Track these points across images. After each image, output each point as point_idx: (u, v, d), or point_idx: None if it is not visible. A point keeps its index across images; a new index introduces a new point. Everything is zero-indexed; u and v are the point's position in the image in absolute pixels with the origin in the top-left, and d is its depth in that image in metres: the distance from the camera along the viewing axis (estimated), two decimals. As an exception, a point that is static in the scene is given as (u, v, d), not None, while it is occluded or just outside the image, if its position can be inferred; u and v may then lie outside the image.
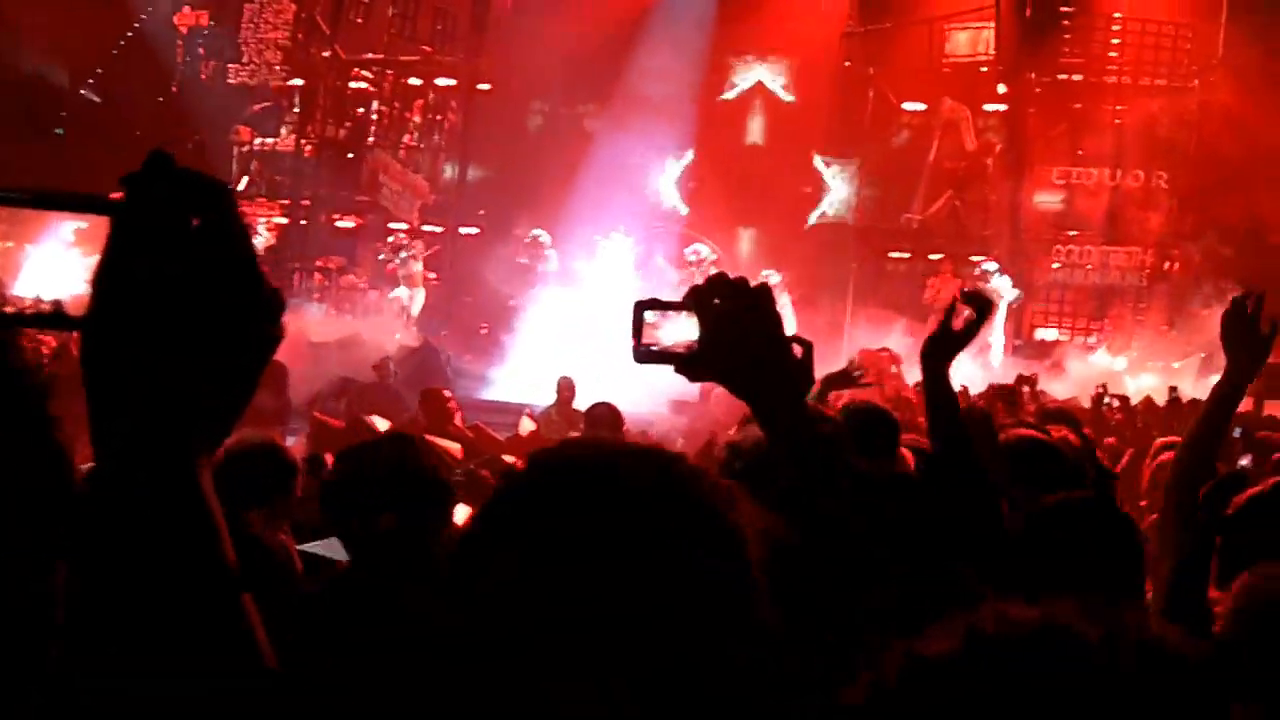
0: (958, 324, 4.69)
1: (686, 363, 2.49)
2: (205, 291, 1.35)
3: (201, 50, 29.58)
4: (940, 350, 4.70)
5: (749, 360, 2.47)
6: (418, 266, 27.14)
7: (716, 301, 2.47)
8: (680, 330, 2.49)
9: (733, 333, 2.46)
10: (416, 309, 26.68)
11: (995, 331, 25.99)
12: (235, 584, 1.38)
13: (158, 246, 1.34)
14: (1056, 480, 5.15)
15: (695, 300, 2.47)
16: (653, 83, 26.78)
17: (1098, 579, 3.95)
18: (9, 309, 1.43)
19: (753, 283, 2.53)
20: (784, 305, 25.69)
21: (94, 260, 1.38)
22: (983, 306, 4.72)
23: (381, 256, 27.40)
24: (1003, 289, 26.19)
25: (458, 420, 13.94)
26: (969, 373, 23.92)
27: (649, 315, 2.50)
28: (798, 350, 2.63)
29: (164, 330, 1.34)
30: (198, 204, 1.37)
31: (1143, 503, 8.10)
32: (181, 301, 1.34)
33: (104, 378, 1.35)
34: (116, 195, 1.38)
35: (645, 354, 2.50)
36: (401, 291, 26.88)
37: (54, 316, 1.40)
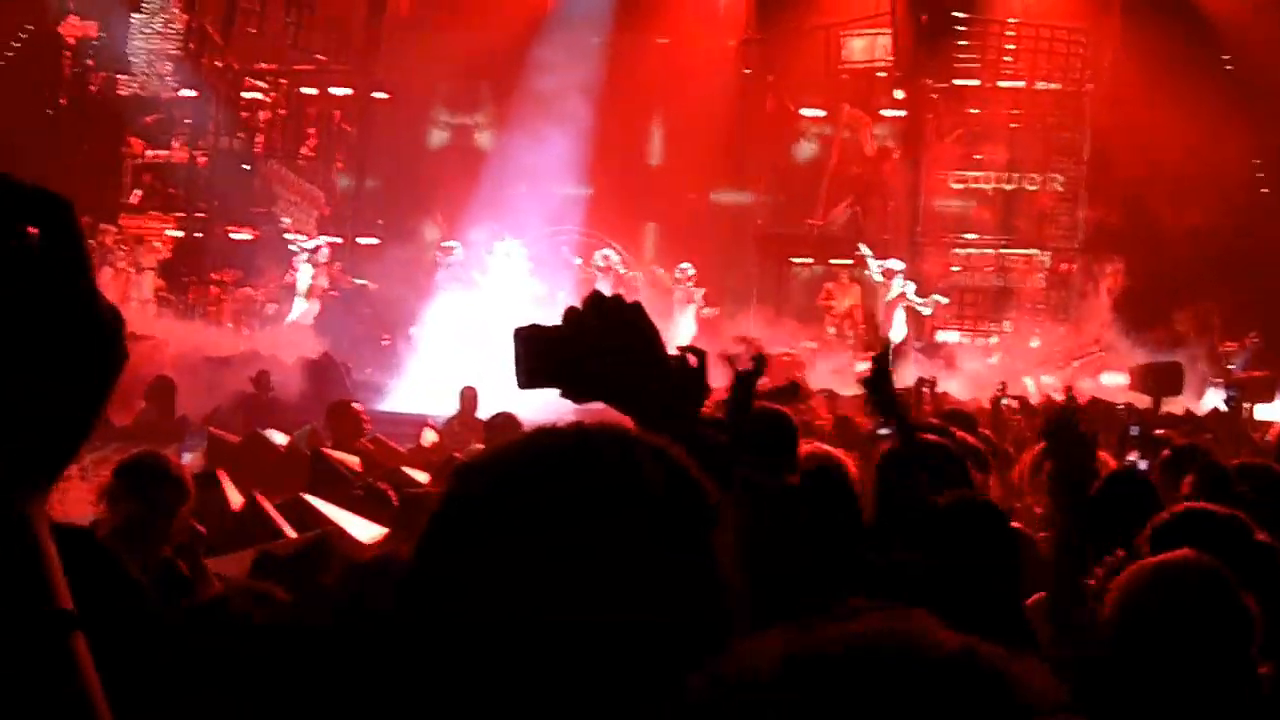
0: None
1: (569, 384, 2.49)
2: (41, 312, 1.26)
3: (90, 61, 29.11)
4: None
5: (627, 377, 2.48)
6: (320, 279, 26.92)
7: (595, 322, 2.47)
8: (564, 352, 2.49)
9: (610, 351, 2.47)
10: (311, 320, 26.44)
11: (896, 330, 26.23)
12: (63, 625, 1.29)
13: None
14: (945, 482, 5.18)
15: (572, 322, 2.47)
16: (549, 89, 26.70)
17: (978, 578, 4.09)
18: None
19: (627, 299, 2.52)
20: (697, 300, 25.81)
21: None
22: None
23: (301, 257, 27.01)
24: (909, 292, 26.41)
25: (368, 432, 13.78)
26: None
27: (528, 339, 2.50)
28: (692, 360, 2.63)
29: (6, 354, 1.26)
30: (33, 219, 1.28)
31: (1028, 499, 8.14)
32: (14, 323, 1.26)
33: None
34: None
35: (530, 380, 2.51)
36: (299, 304, 26.62)
37: None
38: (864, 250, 26.97)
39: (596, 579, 1.54)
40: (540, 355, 2.48)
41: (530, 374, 2.49)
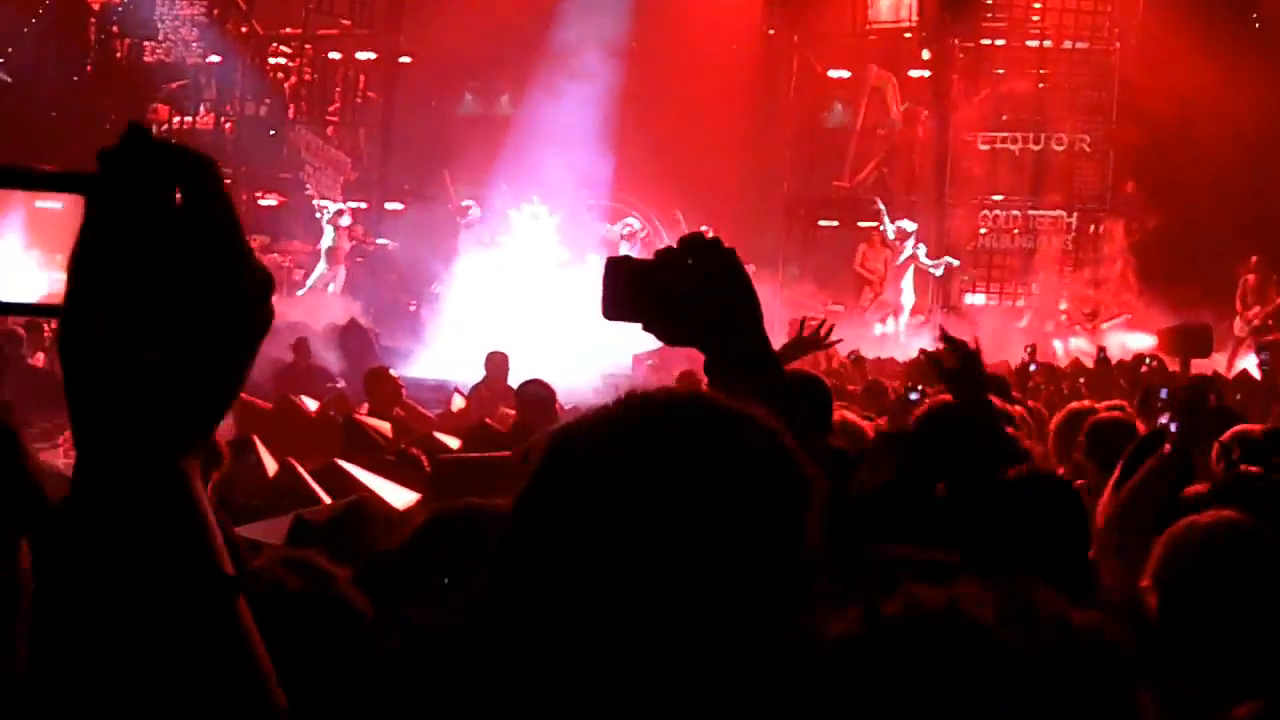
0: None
1: (657, 320, 2.46)
2: (190, 273, 1.25)
3: (115, 28, 29.12)
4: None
5: (724, 320, 2.44)
6: (343, 242, 26.99)
7: (690, 262, 2.43)
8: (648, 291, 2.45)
9: (707, 291, 2.43)
10: (338, 286, 26.51)
11: (905, 294, 26.25)
12: (230, 587, 1.29)
13: (137, 225, 1.24)
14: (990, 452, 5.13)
15: (668, 260, 2.44)
16: (574, 53, 26.66)
17: (1046, 553, 3.98)
18: None
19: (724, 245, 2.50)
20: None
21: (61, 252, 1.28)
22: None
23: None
24: (920, 255, 26.42)
25: (404, 399, 13.79)
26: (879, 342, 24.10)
27: (619, 271, 2.47)
28: None
29: (147, 316, 1.24)
30: (179, 179, 1.26)
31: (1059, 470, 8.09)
32: (165, 284, 1.24)
33: (83, 368, 1.25)
34: (91, 172, 1.27)
35: (615, 312, 2.46)
36: (320, 267, 26.72)
37: (32, 305, 1.31)
38: (880, 207, 26.99)
39: (698, 545, 1.55)
40: (627, 288, 2.45)
41: (616, 305, 2.45)
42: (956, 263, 26.72)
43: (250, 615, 1.31)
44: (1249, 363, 21.07)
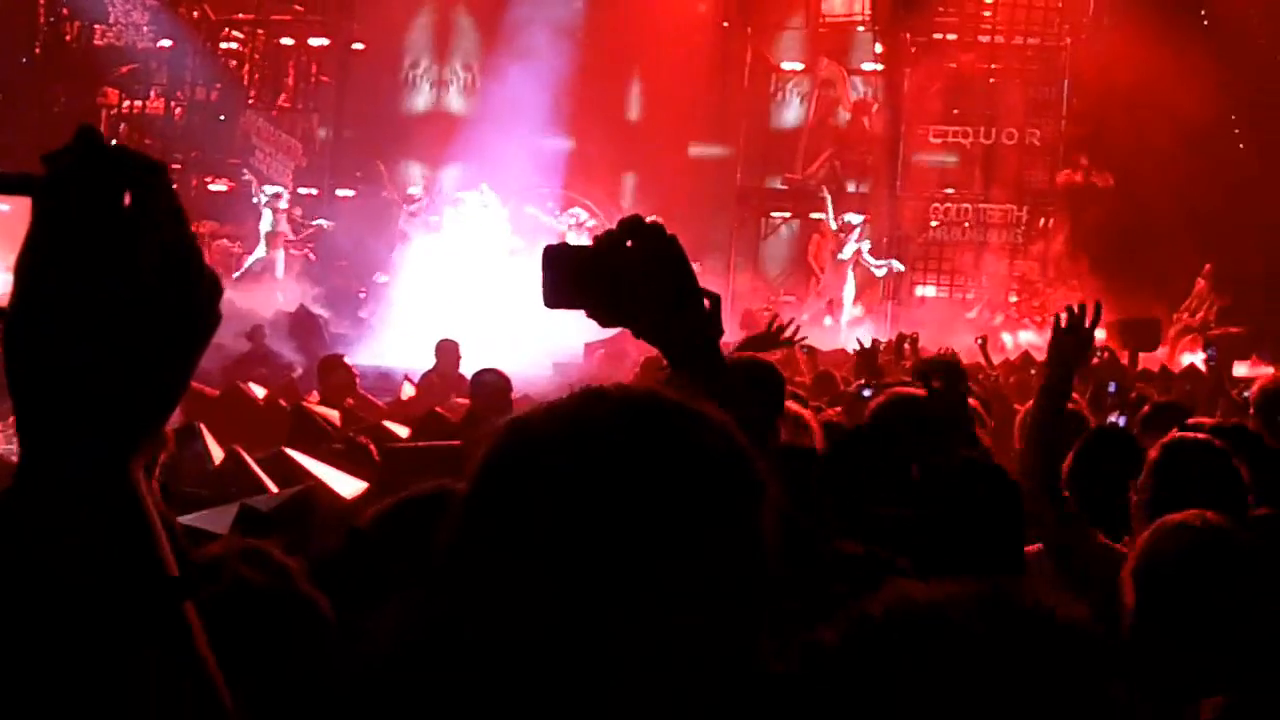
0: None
1: (599, 307, 2.42)
2: (137, 275, 1.26)
3: (65, 10, 28.89)
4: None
5: (664, 304, 2.41)
6: (282, 225, 26.96)
7: (628, 244, 2.40)
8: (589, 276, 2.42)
9: (646, 275, 2.40)
10: (278, 270, 26.47)
11: (848, 286, 26.39)
12: (176, 590, 1.29)
13: (85, 228, 1.25)
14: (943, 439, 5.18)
15: (606, 244, 2.41)
16: (527, 42, 26.63)
17: (984, 539, 4.11)
18: None
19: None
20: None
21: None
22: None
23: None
24: (863, 251, 26.59)
25: (358, 389, 13.72)
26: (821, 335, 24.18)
27: (555, 260, 2.43)
28: (705, 303, 2.60)
29: (94, 318, 1.24)
30: (128, 182, 1.27)
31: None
32: (112, 287, 1.25)
33: (29, 370, 1.26)
34: (39, 174, 1.28)
35: (556, 301, 2.43)
36: (260, 252, 26.68)
37: None
38: (825, 197, 27.11)
39: (650, 546, 1.54)
40: (567, 275, 2.42)
41: (556, 293, 2.43)
42: (901, 267, 26.89)
43: (196, 617, 1.31)
44: (1196, 358, 21.25)
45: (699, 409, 1.66)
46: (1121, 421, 9.01)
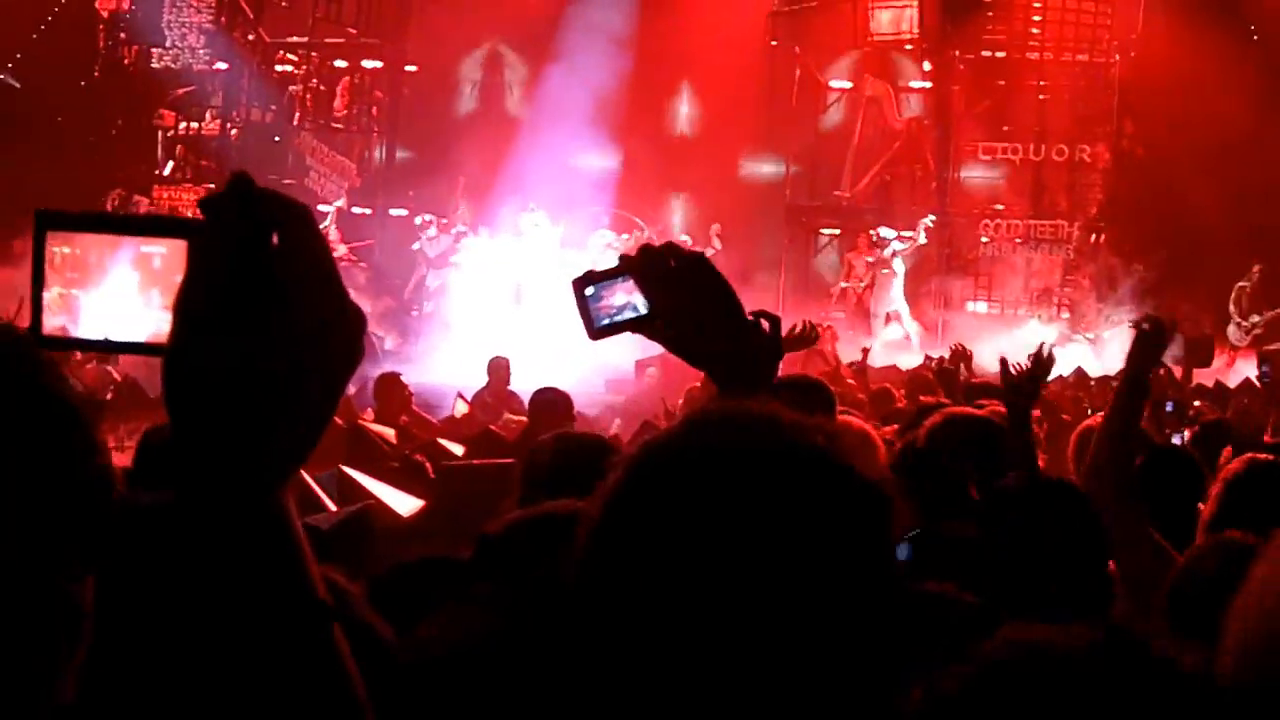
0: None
1: (644, 323, 2.41)
2: (287, 313, 1.32)
3: (123, 34, 29.22)
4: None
5: (703, 320, 2.41)
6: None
7: (655, 266, 2.39)
8: (626, 298, 2.42)
9: (681, 292, 2.40)
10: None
11: (896, 302, 26.35)
12: (325, 615, 1.35)
13: (238, 269, 1.31)
14: (1000, 459, 5.17)
15: (631, 266, 2.40)
16: (578, 61, 26.82)
17: (1066, 565, 4.01)
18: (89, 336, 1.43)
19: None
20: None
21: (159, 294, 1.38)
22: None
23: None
24: (896, 249, 26.54)
25: (412, 406, 13.79)
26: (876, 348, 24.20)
27: (589, 290, 2.43)
28: (765, 325, 2.60)
29: (249, 356, 1.30)
30: (277, 225, 1.33)
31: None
32: (264, 325, 1.31)
33: (190, 405, 1.31)
34: (195, 216, 1.36)
35: (601, 330, 2.44)
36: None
37: (141, 345, 1.41)
38: (885, 234, 27.09)
39: (798, 566, 1.55)
40: (602, 301, 2.41)
41: (598, 323, 2.43)
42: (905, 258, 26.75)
43: (346, 645, 1.35)
44: (1249, 372, 21.15)
45: (825, 426, 1.67)
46: (1176, 440, 9.01)
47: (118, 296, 1.46)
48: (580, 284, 2.43)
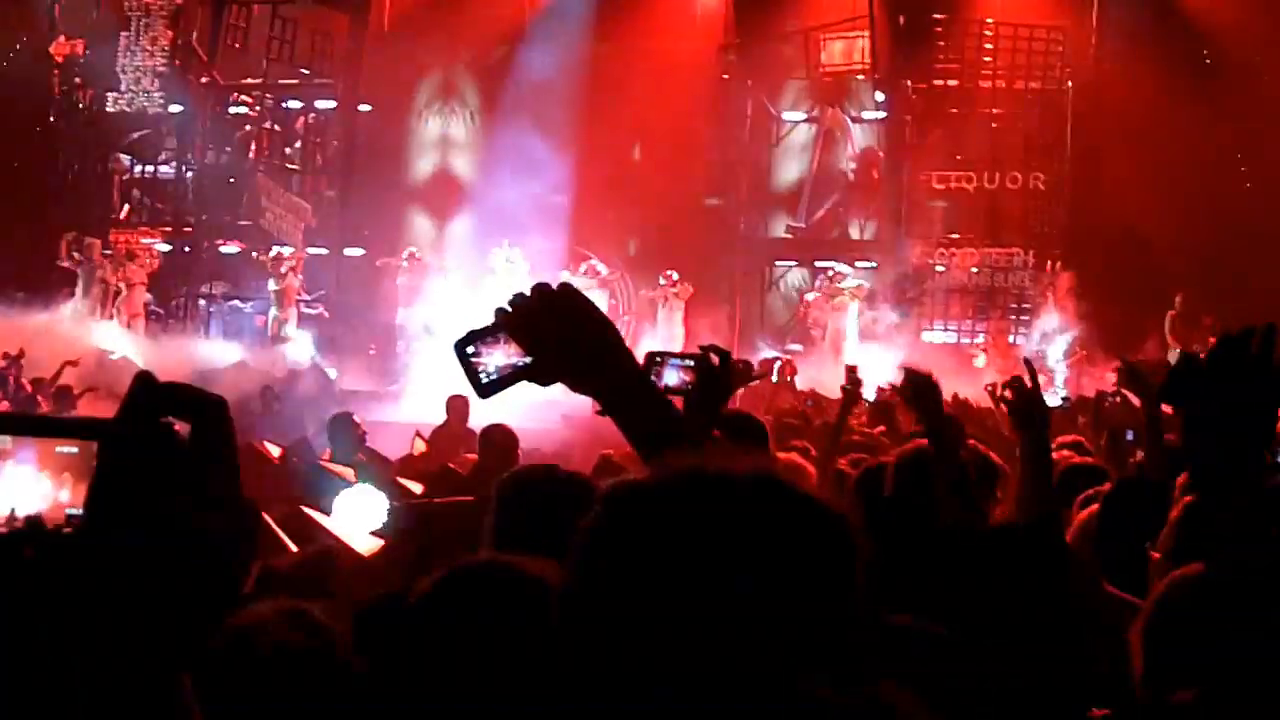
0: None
1: (530, 371, 2.44)
2: (188, 507, 1.39)
3: (78, 79, 29.20)
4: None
5: (571, 353, 2.43)
6: (291, 281, 27.16)
7: (521, 313, 2.43)
8: (508, 351, 2.45)
9: (546, 335, 2.42)
10: (291, 329, 26.65)
11: (850, 326, 26.42)
12: None
13: (146, 468, 1.38)
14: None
15: (503, 319, 2.43)
16: (531, 99, 26.92)
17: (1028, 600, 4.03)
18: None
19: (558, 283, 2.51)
20: (676, 310, 26.21)
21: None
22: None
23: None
24: (850, 281, 26.68)
25: (365, 445, 13.76)
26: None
27: (469, 349, 2.46)
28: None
29: (155, 550, 1.37)
30: (187, 419, 1.41)
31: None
32: (167, 518, 1.38)
33: (94, 591, 1.36)
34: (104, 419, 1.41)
35: (488, 387, 2.47)
36: (274, 312, 26.85)
37: (33, 533, 1.43)
38: (842, 269, 27.22)
39: (768, 617, 1.60)
40: (487, 357, 2.44)
41: (487, 382, 2.46)
42: (895, 319, 26.84)
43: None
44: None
45: (807, 490, 1.73)
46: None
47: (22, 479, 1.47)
48: (461, 345, 2.45)
